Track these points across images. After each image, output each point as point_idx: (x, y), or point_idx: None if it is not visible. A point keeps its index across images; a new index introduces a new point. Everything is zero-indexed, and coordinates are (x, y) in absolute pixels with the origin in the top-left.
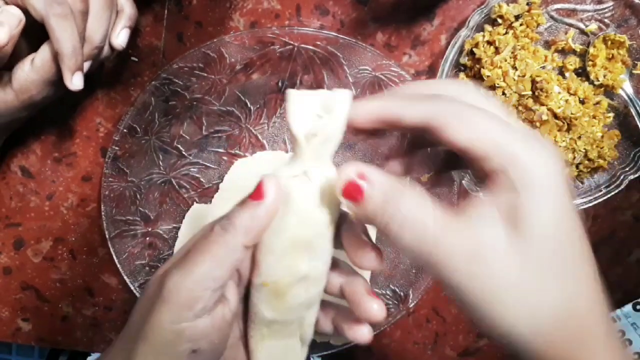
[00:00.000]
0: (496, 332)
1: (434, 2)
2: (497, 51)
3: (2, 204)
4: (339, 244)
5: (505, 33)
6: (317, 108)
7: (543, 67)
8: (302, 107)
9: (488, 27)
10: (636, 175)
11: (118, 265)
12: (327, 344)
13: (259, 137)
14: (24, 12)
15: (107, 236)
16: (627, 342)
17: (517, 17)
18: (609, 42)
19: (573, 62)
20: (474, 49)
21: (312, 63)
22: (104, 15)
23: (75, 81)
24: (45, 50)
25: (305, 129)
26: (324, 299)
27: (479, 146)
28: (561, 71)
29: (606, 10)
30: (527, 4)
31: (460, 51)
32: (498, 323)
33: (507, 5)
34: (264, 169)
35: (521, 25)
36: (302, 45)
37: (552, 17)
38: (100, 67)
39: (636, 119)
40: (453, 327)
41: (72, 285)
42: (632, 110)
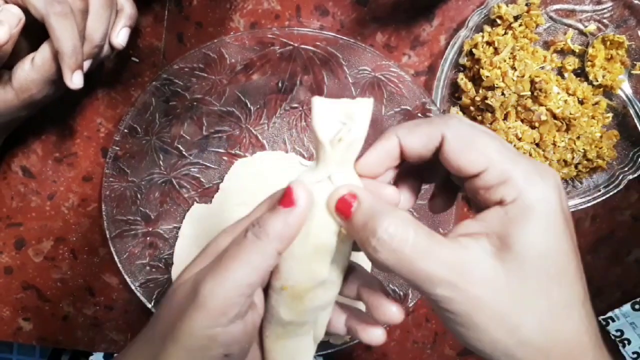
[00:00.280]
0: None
1: (433, 2)
2: (496, 52)
3: (3, 204)
4: (356, 247)
5: (505, 33)
6: (340, 115)
7: (542, 68)
8: (327, 114)
9: (487, 28)
10: (635, 175)
11: (119, 265)
12: (327, 344)
13: (259, 137)
14: (24, 11)
15: (107, 236)
16: (625, 342)
17: (516, 18)
18: (608, 43)
19: (572, 62)
20: (473, 50)
21: (312, 63)
22: (104, 14)
23: (75, 80)
24: (45, 49)
25: (329, 135)
26: (336, 301)
27: (477, 167)
28: (560, 71)
29: (605, 10)
30: (526, 5)
31: (460, 51)
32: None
33: (506, 6)
34: (264, 169)
35: (520, 25)
36: (302, 46)
37: (551, 17)
38: (100, 67)
39: (635, 119)
40: None
41: (73, 285)
42: (630, 111)
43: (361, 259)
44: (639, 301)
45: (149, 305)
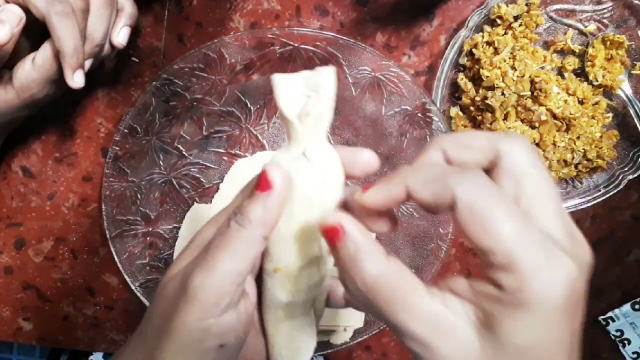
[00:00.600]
0: None
1: (433, 2)
2: (496, 52)
3: (3, 204)
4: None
5: (505, 34)
6: (303, 89)
7: (542, 68)
8: (290, 90)
9: (487, 28)
10: (635, 175)
11: (119, 265)
12: (327, 344)
13: (259, 137)
14: (25, 11)
15: (107, 236)
16: (625, 342)
17: (516, 18)
18: (608, 43)
19: (572, 62)
20: (473, 50)
21: (312, 64)
22: (105, 13)
23: (76, 79)
24: (46, 49)
25: (296, 111)
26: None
27: (483, 245)
28: (560, 71)
29: (605, 10)
30: (526, 5)
31: (460, 52)
32: None
33: (506, 6)
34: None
35: (520, 25)
36: (302, 46)
37: (551, 17)
38: (100, 67)
39: (635, 119)
40: None
41: (73, 285)
42: (630, 111)
43: None
44: (639, 301)
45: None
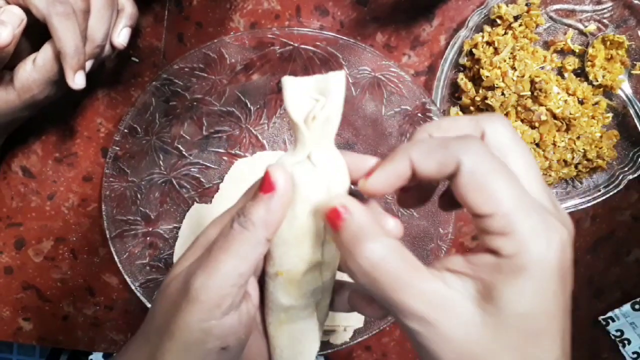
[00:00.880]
0: None
1: (433, 2)
2: (496, 52)
3: (3, 204)
4: None
5: (505, 34)
6: (313, 92)
7: (542, 68)
8: (298, 93)
9: (487, 28)
10: (635, 175)
11: (119, 265)
12: (327, 344)
13: (259, 137)
14: (26, 12)
15: (107, 236)
16: (625, 342)
17: (516, 18)
18: (608, 43)
19: (572, 62)
20: (473, 50)
21: (312, 64)
22: (106, 14)
23: (77, 80)
24: (47, 50)
25: (303, 114)
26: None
27: (483, 210)
28: (560, 71)
29: (605, 10)
30: (526, 5)
31: (460, 52)
32: None
33: (506, 6)
34: (264, 169)
35: (520, 25)
36: (302, 46)
37: (551, 17)
38: (100, 67)
39: (635, 119)
40: None
41: (73, 285)
42: (630, 111)
43: None
44: (639, 301)
45: (149, 305)
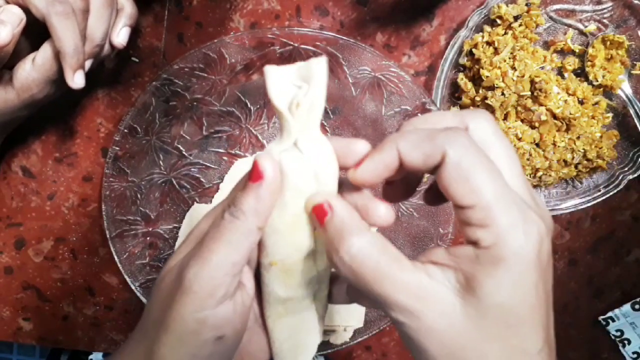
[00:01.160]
0: None
1: (433, 2)
2: (496, 52)
3: (3, 204)
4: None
5: (505, 34)
6: (295, 80)
7: (542, 68)
8: (281, 81)
9: (487, 28)
10: (635, 175)
11: (119, 265)
12: (327, 344)
13: (259, 137)
14: (25, 11)
15: (107, 236)
16: (625, 342)
17: (516, 18)
18: (608, 43)
19: (572, 62)
20: (473, 50)
21: None
22: (105, 13)
23: (77, 79)
24: (46, 49)
25: (287, 102)
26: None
27: (465, 201)
28: (560, 72)
29: (605, 10)
30: (526, 5)
31: (460, 52)
32: None
33: (506, 6)
34: None
35: (520, 25)
36: (302, 46)
37: (551, 17)
38: (100, 67)
39: (635, 119)
40: None
41: (73, 285)
42: (630, 111)
43: None
44: (639, 301)
45: None
